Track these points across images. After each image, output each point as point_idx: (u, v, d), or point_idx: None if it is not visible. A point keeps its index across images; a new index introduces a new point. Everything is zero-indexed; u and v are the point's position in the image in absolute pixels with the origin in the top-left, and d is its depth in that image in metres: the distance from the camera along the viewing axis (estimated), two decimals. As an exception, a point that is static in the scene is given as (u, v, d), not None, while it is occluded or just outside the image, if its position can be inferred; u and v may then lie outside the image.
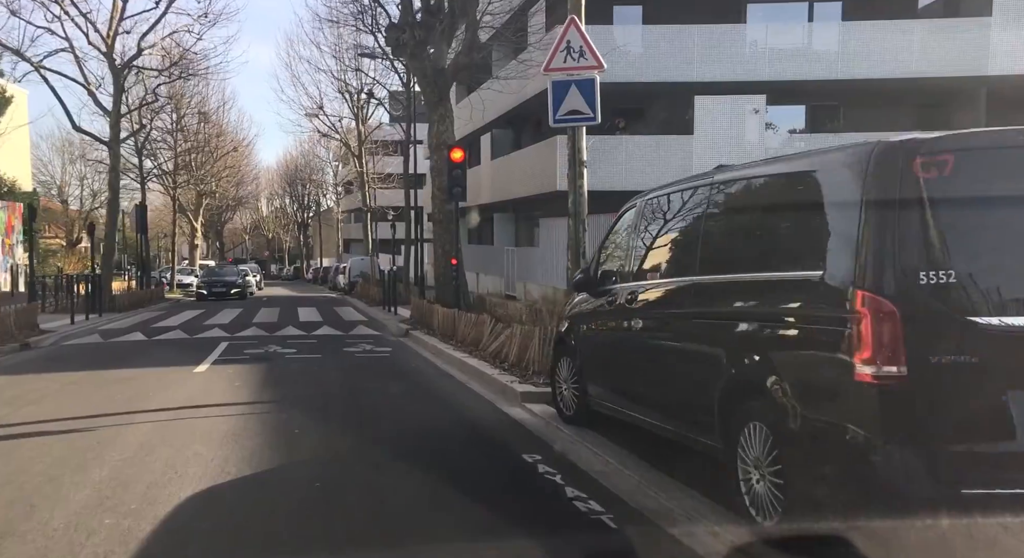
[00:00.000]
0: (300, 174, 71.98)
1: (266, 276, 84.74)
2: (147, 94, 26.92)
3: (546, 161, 22.94)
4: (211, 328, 17.63)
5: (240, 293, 33.41)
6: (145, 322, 19.80)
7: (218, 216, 72.04)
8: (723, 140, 21.40)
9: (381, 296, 26.55)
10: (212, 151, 45.00)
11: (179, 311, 24.32)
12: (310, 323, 19.12)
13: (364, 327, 18.10)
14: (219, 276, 34.25)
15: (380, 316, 21.51)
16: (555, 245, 21.92)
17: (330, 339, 15.61)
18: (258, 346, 13.96)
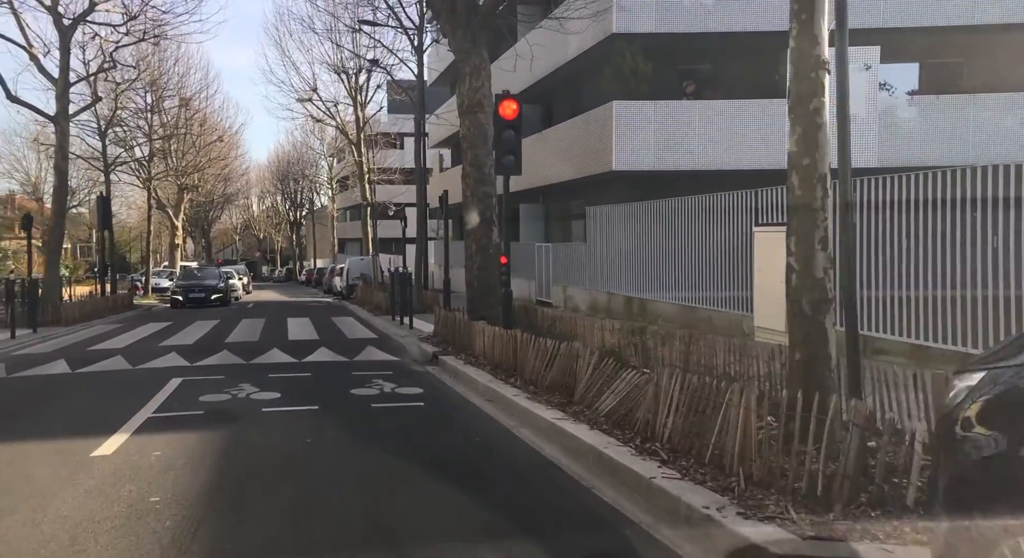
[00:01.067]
0: (292, 169, 67.39)
1: (257, 278, 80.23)
2: (105, 61, 22.33)
3: (598, 134, 18.42)
4: (167, 352, 13.05)
5: (222, 299, 28.81)
6: (85, 342, 15.19)
7: (204, 214, 67.38)
8: (824, 105, 16.90)
9: (388, 303, 22.03)
10: (194, 140, 40.36)
11: (141, 324, 19.71)
12: (302, 343, 14.55)
13: (375, 349, 13.55)
14: (198, 279, 29.59)
15: (391, 330, 16.96)
16: (609, 239, 17.40)
17: (330, 371, 11.06)
18: (224, 387, 9.40)
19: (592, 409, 6.79)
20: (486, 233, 14.09)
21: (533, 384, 8.48)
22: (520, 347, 9.22)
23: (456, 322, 13.00)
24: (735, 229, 12.57)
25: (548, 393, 7.92)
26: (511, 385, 8.77)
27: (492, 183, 14.21)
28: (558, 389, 7.91)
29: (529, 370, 8.79)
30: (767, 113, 17.11)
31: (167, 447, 6.28)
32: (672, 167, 17.46)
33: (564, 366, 8.01)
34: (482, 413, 7.91)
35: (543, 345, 8.61)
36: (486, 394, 8.87)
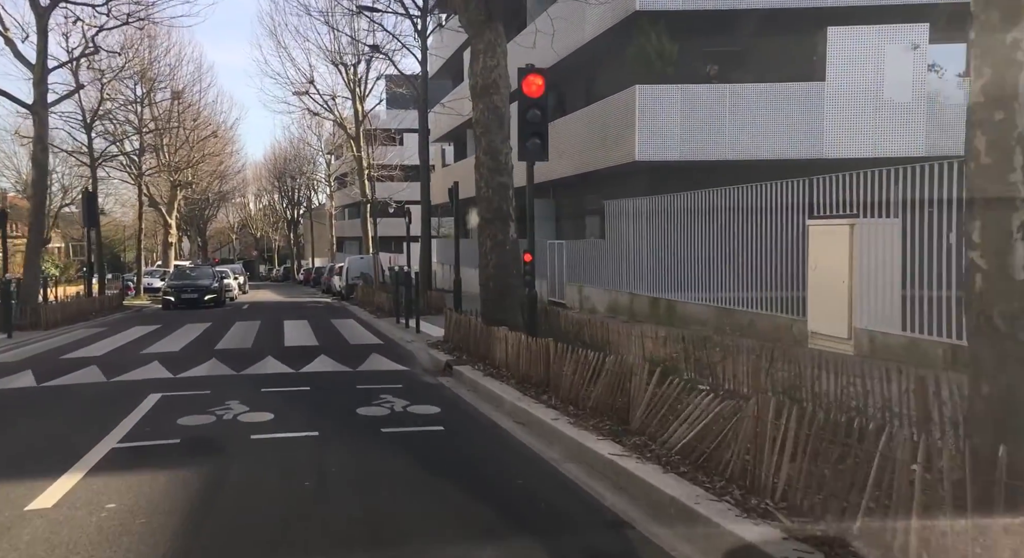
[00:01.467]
0: (289, 166, 66.00)
1: (255, 277, 78.91)
2: (87, 46, 20.94)
3: (618, 122, 17.10)
4: (149, 361, 11.71)
5: (215, 299, 27.43)
6: (61, 349, 13.85)
7: (200, 212, 66.02)
8: (865, 88, 15.62)
9: (391, 304, 20.71)
10: (187, 135, 38.99)
11: (126, 327, 18.36)
12: (300, 350, 13.23)
13: (380, 356, 12.21)
14: (191, 279, 28.17)
15: (396, 334, 15.63)
16: (631, 236, 16.08)
17: (332, 384, 9.74)
18: (208, 405, 8.07)
19: (658, 442, 5.47)
20: (502, 228, 12.75)
21: (572, 404, 7.16)
22: (554, 359, 7.89)
23: (471, 327, 11.69)
24: (783, 223, 11.26)
25: (594, 416, 6.60)
26: (544, 404, 7.45)
27: (509, 173, 12.88)
28: (606, 412, 6.59)
29: (566, 387, 7.47)
30: (805, 97, 15.80)
31: (127, 495, 4.96)
32: (700, 157, 16.14)
33: (612, 384, 6.70)
34: (515, 441, 6.58)
35: (583, 358, 7.29)
36: (515, 414, 7.55)
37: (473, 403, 8.46)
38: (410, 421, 7.34)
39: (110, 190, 62.33)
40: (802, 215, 10.80)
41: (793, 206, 10.97)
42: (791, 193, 11.03)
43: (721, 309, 12.91)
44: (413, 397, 8.59)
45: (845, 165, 11.43)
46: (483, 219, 12.92)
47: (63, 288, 34.28)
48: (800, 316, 10.76)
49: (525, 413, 7.32)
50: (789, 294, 11.05)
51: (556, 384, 7.74)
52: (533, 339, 8.61)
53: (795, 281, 10.90)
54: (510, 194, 12.91)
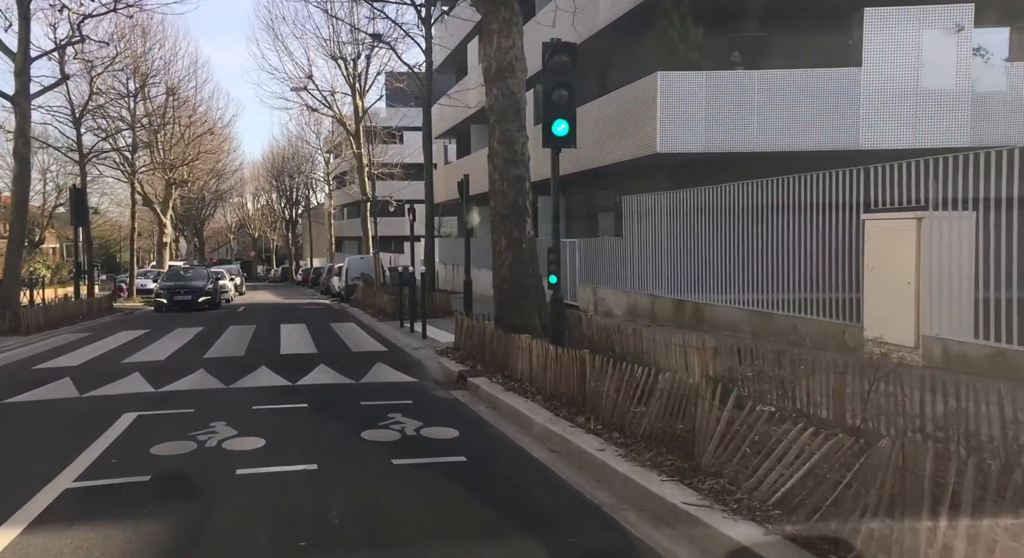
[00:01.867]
0: (287, 165, 64.90)
1: (252, 278, 77.80)
2: (72, 34, 19.80)
3: (637, 112, 16.00)
4: (130, 372, 10.58)
5: (210, 301, 26.31)
6: (36, 358, 12.72)
7: (197, 212, 64.87)
8: (904, 74, 14.53)
9: (394, 307, 19.61)
10: (182, 131, 37.88)
11: (113, 332, 17.22)
12: (297, 358, 12.13)
13: (386, 366, 11.10)
14: (184, 280, 27.03)
15: (401, 340, 14.53)
16: (652, 233, 15.00)
17: (332, 400, 8.63)
18: (190, 428, 6.96)
19: (743, 488, 4.36)
20: (518, 225, 11.67)
21: (618, 430, 6.05)
22: (592, 374, 6.79)
23: (485, 334, 10.59)
24: (833, 217, 10.15)
25: (648, 447, 5.49)
26: (583, 429, 6.35)
27: (525, 164, 11.80)
28: (662, 442, 5.49)
29: (607, 408, 6.37)
30: (840, 84, 14.70)
31: (71, 562, 3.86)
32: (726, 148, 15.04)
33: (668, 407, 5.60)
34: (555, 477, 5.47)
35: (628, 374, 6.18)
36: (547, 440, 6.45)
37: (495, 424, 7.36)
38: (425, 449, 6.24)
39: (105, 189, 61.27)
40: (855, 208, 9.69)
41: (845, 198, 9.86)
42: (843, 184, 9.92)
43: (757, 312, 11.81)
44: (426, 416, 7.48)
45: (882, 157, 10.35)
46: (497, 215, 11.84)
47: (54, 290, 33.20)
48: (854, 321, 9.66)
49: (561, 440, 6.21)
50: (840, 296, 9.95)
51: (595, 404, 6.63)
52: (564, 350, 7.51)
53: (847, 282, 9.80)
54: (527, 187, 11.83)
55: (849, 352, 9.55)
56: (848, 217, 9.81)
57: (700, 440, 5.04)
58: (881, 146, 14.35)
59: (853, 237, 9.68)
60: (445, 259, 34.05)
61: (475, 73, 28.94)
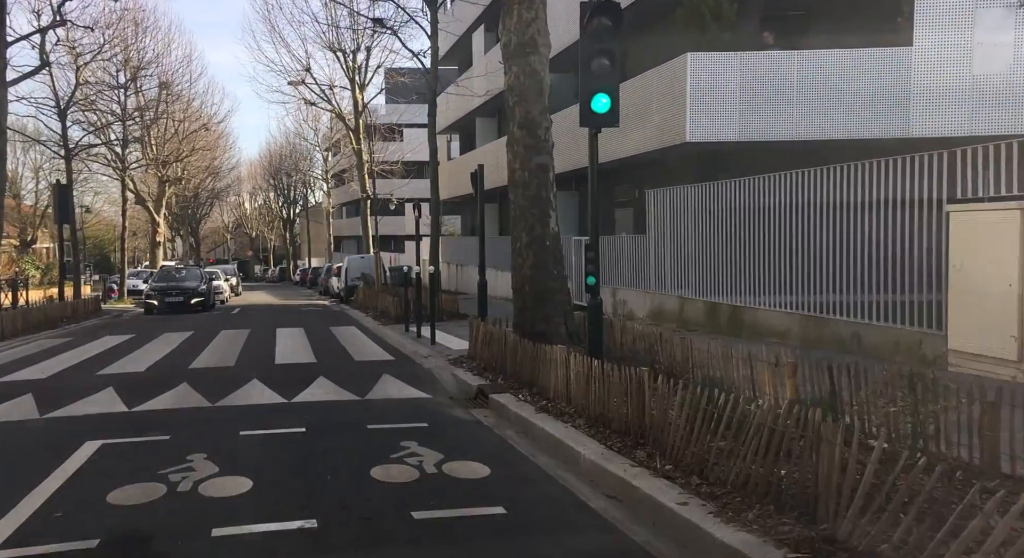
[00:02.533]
0: (285, 163, 63.64)
1: (250, 278, 76.53)
2: (53, 18, 18.51)
3: (663, 98, 14.74)
4: (103, 387, 9.30)
5: (203, 303, 25.03)
6: (2, 369, 11.42)
7: (193, 211, 63.55)
8: (960, 53, 13.28)
9: (398, 309, 18.36)
10: (175, 127, 36.62)
11: (95, 337, 15.92)
12: (294, 369, 10.87)
13: (393, 379, 9.82)
14: (176, 281, 25.73)
15: (408, 346, 13.26)
16: (682, 230, 13.75)
17: (334, 423, 7.35)
18: (161, 463, 5.70)
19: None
20: (541, 219, 10.44)
21: (696, 473, 4.78)
22: (655, 399, 5.52)
23: (506, 343, 9.33)
24: (905, 208, 8.88)
25: (746, 502, 4.23)
26: (645, 467, 5.10)
27: (549, 151, 10.57)
28: (765, 493, 4.22)
29: (676, 442, 5.11)
30: (888, 65, 13.44)
31: None
32: (762, 137, 13.79)
33: (769, 446, 4.34)
34: (630, 544, 4.20)
35: (706, 400, 4.92)
36: (601, 481, 5.20)
37: (530, 456, 6.10)
38: (451, 495, 4.98)
39: (99, 188, 60.09)
40: (937, 197, 8.41)
41: (922, 186, 8.59)
42: (919, 169, 8.65)
43: (809, 317, 10.54)
44: (446, 445, 6.22)
45: (934, 145, 9.14)
46: (517, 208, 10.61)
47: (43, 291, 31.87)
48: (934, 329, 8.40)
49: (621, 484, 4.95)
50: (914, 299, 8.69)
51: (660, 436, 5.37)
52: (615, 367, 6.24)
53: (924, 283, 8.54)
54: (550, 178, 10.60)
55: (928, 365, 8.30)
56: (928, 207, 8.54)
57: (827, 498, 3.78)
58: (934, 133, 13.11)
59: (932, 231, 8.42)
60: (448, 258, 32.79)
61: (481, 64, 27.70)
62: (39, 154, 56.63)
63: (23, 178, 60.77)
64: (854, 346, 9.58)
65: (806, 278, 10.58)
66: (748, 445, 4.46)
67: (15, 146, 55.46)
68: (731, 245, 12.36)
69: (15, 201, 56.71)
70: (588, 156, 7.88)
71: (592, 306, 7.72)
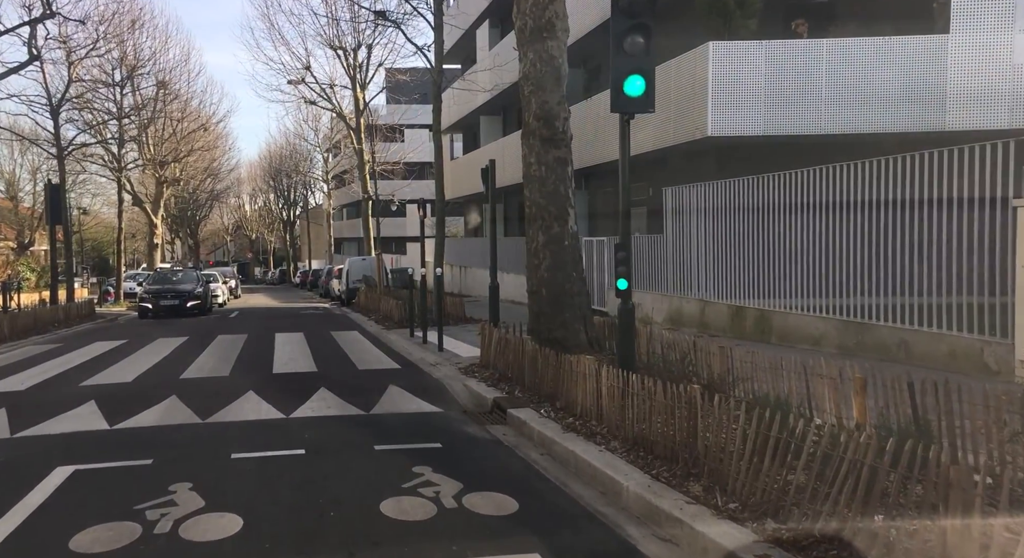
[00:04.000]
0: (284, 164, 62.88)
1: (250, 280, 75.75)
2: (44, 9, 17.76)
3: (682, 90, 13.97)
4: (84, 400, 8.54)
5: (199, 306, 24.19)
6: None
7: (192, 213, 62.82)
8: (998, 41, 12.53)
9: (401, 313, 17.62)
10: (173, 126, 35.88)
11: (86, 342, 15.15)
12: (293, 380, 10.11)
13: (401, 390, 9.05)
14: (172, 283, 24.84)
15: (414, 353, 12.50)
16: (703, 229, 12.99)
17: (338, 444, 6.58)
18: (138, 496, 4.94)
19: None
20: (559, 217, 9.69)
21: (770, 515, 4.02)
22: (706, 419, 4.76)
23: (524, 351, 8.58)
24: (960, 202, 8.11)
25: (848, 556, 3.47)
26: (704, 504, 4.35)
27: (567, 144, 9.82)
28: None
29: (738, 474, 4.34)
30: (923, 54, 12.68)
31: None
32: (789, 131, 13.03)
33: (860, 484, 3.57)
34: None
35: (776, 425, 4.16)
36: (652, 519, 4.44)
37: (561, 485, 5.34)
38: (477, 537, 4.22)
39: (98, 190, 59.34)
40: (1002, 190, 7.64)
41: (982, 178, 7.82)
42: (980, 162, 7.88)
43: (848, 322, 9.77)
44: (465, 471, 5.46)
45: (971, 138, 8.38)
46: (534, 205, 9.85)
47: (38, 294, 31.09)
48: (998, 336, 7.62)
49: (677, 525, 4.19)
50: (974, 303, 7.92)
51: (717, 467, 4.60)
52: (656, 381, 5.48)
53: (986, 285, 7.77)
54: (569, 173, 9.85)
55: (993, 376, 7.55)
56: (987, 203, 7.78)
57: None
58: (971, 126, 12.36)
59: (995, 228, 7.65)
60: (450, 260, 32.01)
61: (486, 59, 26.95)
62: (37, 155, 55.93)
63: (21, 180, 60.09)
64: (901, 355, 8.81)
65: (845, 280, 9.81)
66: (838, 484, 3.70)
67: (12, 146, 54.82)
68: (758, 245, 11.59)
69: (12, 203, 56.06)
70: (619, 147, 7.15)
71: (623, 312, 6.95)
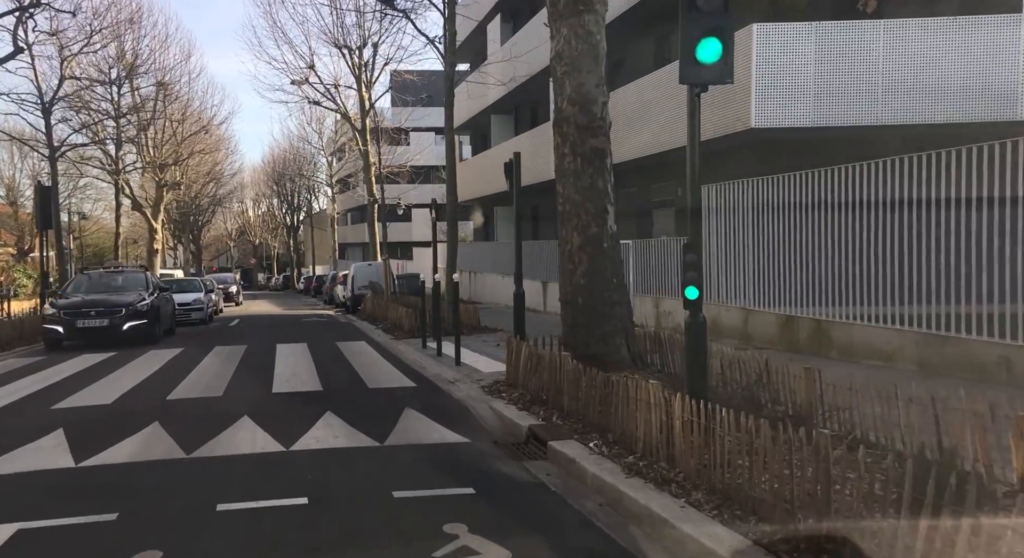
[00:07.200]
0: (288, 168, 61.82)
1: (254, 286, 74.67)
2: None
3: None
4: (52, 428, 7.29)
5: (146, 329, 15.91)
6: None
7: (194, 217, 61.78)
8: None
9: (411, 321, 16.46)
10: (173, 128, 34.87)
11: (70, 356, 13.90)
12: (295, 401, 8.93)
13: (419, 414, 7.84)
14: (102, 293, 16.43)
15: (429, 367, 11.32)
16: (746, 230, 11.79)
17: (347, 487, 5.38)
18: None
19: None
20: (597, 216, 8.55)
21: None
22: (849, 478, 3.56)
23: (561, 369, 7.37)
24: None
25: None
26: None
27: (606, 133, 8.67)
28: None
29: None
30: (995, 36, 11.48)
31: None
32: (840, 122, 11.86)
33: None
34: None
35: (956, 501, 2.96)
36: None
37: (634, 550, 4.13)
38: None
39: (99, 195, 58.36)
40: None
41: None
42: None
43: (929, 335, 8.55)
44: (508, 532, 4.29)
45: None
46: (568, 202, 8.70)
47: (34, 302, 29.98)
48: None
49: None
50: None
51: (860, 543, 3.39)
52: (750, 418, 4.28)
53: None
54: (608, 165, 8.70)
55: None
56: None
57: None
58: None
59: None
60: (460, 265, 30.81)
61: (498, 54, 25.83)
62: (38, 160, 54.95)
63: (21, 185, 59.21)
64: (1001, 374, 7.59)
65: (925, 285, 8.59)
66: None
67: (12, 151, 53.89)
68: (814, 247, 10.38)
69: (13, 208, 55.11)
70: (688, 129, 5.98)
71: (693, 327, 5.74)
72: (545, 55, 20.89)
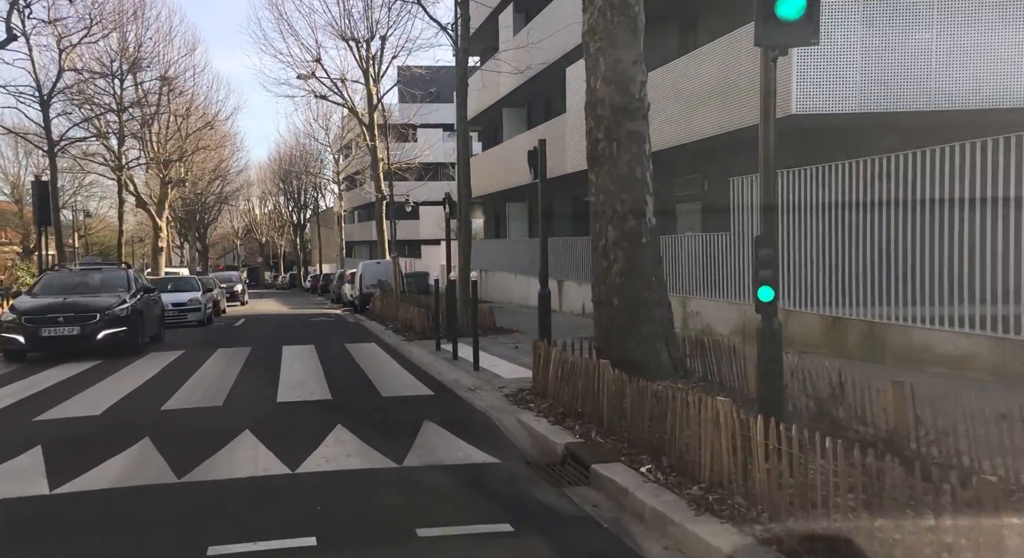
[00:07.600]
0: (295, 165, 61.11)
1: (260, 285, 74.06)
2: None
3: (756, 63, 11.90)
4: (30, 445, 6.51)
5: (126, 336, 13.40)
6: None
7: (200, 215, 61.17)
8: None
9: (424, 322, 15.65)
10: (178, 123, 34.15)
11: (62, 360, 13.03)
12: (302, 411, 8.14)
13: (439, 428, 7.01)
14: (71, 295, 13.64)
15: (446, 372, 10.51)
16: (786, 225, 10.91)
17: (362, 523, 4.57)
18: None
19: None
20: (635, 207, 7.73)
21: None
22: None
23: (600, 380, 6.53)
24: None
25: None
26: None
27: (644, 115, 7.85)
28: None
29: None
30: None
31: None
32: (890, 107, 10.99)
33: None
34: None
35: None
36: None
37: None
38: None
39: (104, 192, 57.78)
40: None
41: None
42: None
43: (1006, 340, 7.69)
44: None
45: None
46: (601, 193, 7.89)
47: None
48: None
49: None
50: None
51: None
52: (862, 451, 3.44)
53: None
54: (647, 151, 7.87)
55: None
56: None
57: None
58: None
59: None
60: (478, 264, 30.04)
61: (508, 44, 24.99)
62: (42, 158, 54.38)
63: (25, 182, 58.81)
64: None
65: (1000, 284, 7.73)
66: None
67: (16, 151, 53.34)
68: (865, 242, 9.53)
69: (18, 206, 54.62)
70: (761, 100, 5.16)
71: (768, 332, 4.92)
72: (563, 41, 20.03)
